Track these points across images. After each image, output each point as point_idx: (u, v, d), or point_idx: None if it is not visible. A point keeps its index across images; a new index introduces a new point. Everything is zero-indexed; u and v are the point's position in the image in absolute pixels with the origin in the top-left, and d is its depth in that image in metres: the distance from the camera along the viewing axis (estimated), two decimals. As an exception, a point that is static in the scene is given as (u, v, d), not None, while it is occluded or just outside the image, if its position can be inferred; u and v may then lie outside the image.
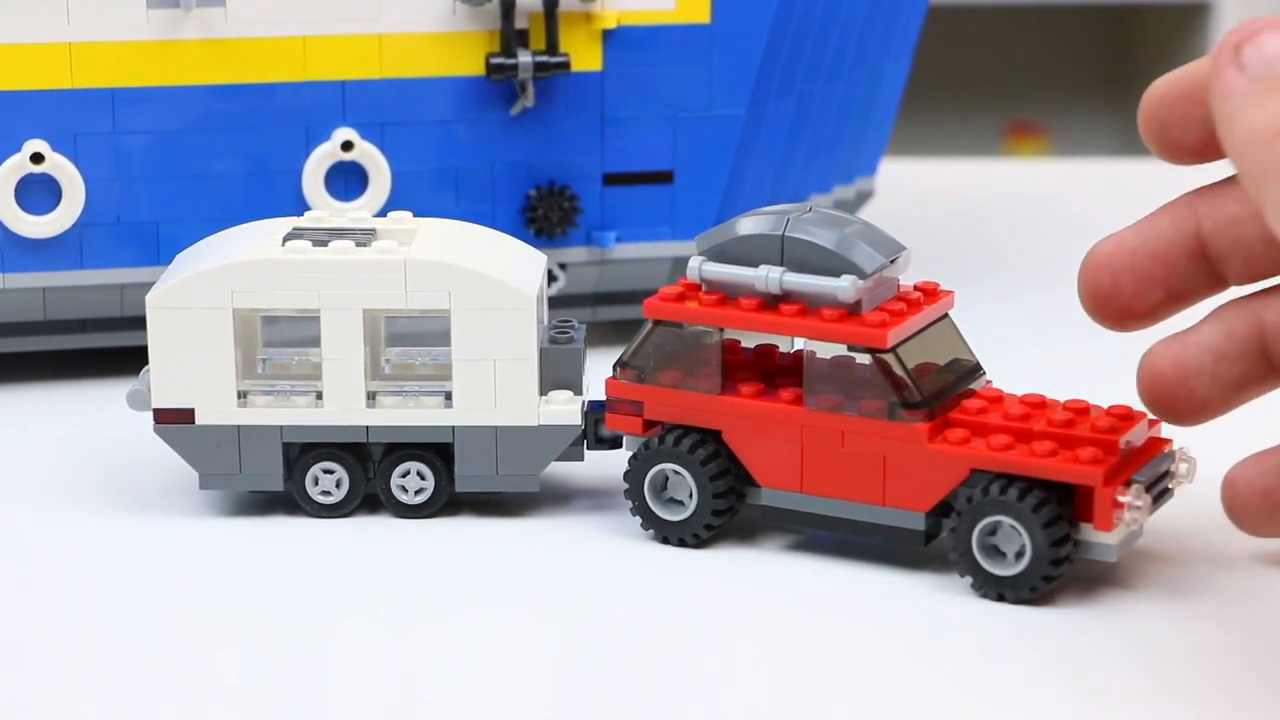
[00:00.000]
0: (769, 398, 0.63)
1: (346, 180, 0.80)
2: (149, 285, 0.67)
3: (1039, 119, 2.58)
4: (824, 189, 0.93)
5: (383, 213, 0.80)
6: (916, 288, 0.64)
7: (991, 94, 2.59)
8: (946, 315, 0.65)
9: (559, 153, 0.82)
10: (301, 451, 0.66)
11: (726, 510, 0.64)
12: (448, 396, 0.66)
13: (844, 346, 0.62)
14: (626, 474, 0.65)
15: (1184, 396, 0.61)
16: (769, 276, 0.62)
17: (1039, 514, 0.59)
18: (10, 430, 0.76)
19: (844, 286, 0.61)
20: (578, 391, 0.66)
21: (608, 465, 0.68)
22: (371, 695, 0.56)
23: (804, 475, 0.63)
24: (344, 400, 0.66)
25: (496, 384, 0.65)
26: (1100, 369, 0.70)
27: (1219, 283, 0.61)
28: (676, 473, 0.64)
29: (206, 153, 0.79)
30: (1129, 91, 2.58)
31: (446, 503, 0.67)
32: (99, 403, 0.77)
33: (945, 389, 0.62)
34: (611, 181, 0.83)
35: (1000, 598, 0.60)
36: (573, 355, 0.66)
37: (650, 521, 0.64)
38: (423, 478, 0.66)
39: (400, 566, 0.64)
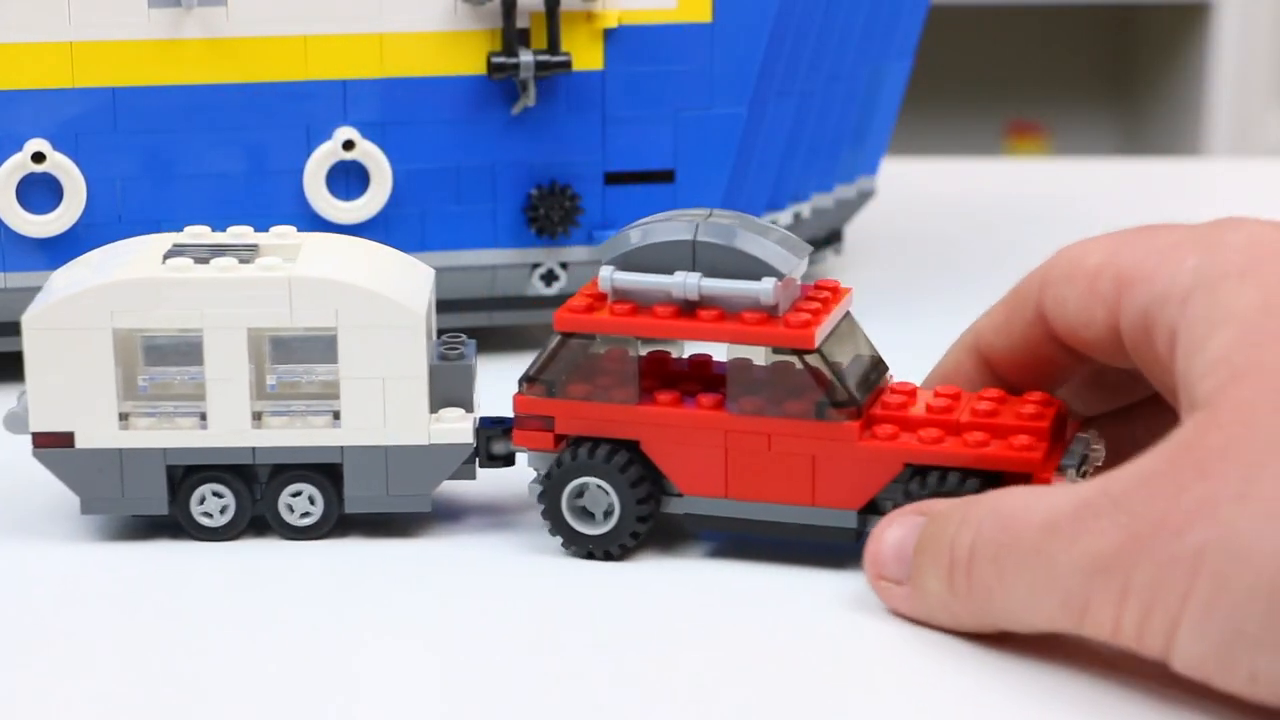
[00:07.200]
0: (688, 405, 0.63)
1: (348, 180, 0.80)
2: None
3: (1039, 119, 2.58)
4: (824, 188, 0.93)
5: (384, 212, 0.81)
6: (818, 286, 0.64)
7: (991, 94, 2.59)
8: (848, 312, 0.64)
9: (560, 152, 0.82)
10: (185, 474, 0.64)
11: (648, 520, 0.63)
12: (336, 415, 0.64)
13: (764, 350, 0.62)
14: (542, 492, 0.63)
15: None
16: (686, 283, 0.61)
17: None
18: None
19: (766, 289, 0.61)
20: (469, 409, 0.65)
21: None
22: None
23: (729, 480, 0.62)
24: (229, 421, 0.64)
25: (386, 403, 0.63)
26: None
27: None
28: (594, 486, 0.63)
29: (207, 152, 0.79)
30: (1129, 91, 2.58)
31: (336, 524, 0.65)
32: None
33: (863, 385, 0.62)
34: (613, 181, 0.83)
35: None
36: (463, 372, 0.65)
37: (570, 537, 0.63)
38: (311, 500, 0.64)
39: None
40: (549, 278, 0.83)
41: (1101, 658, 0.55)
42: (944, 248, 1.03)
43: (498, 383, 0.68)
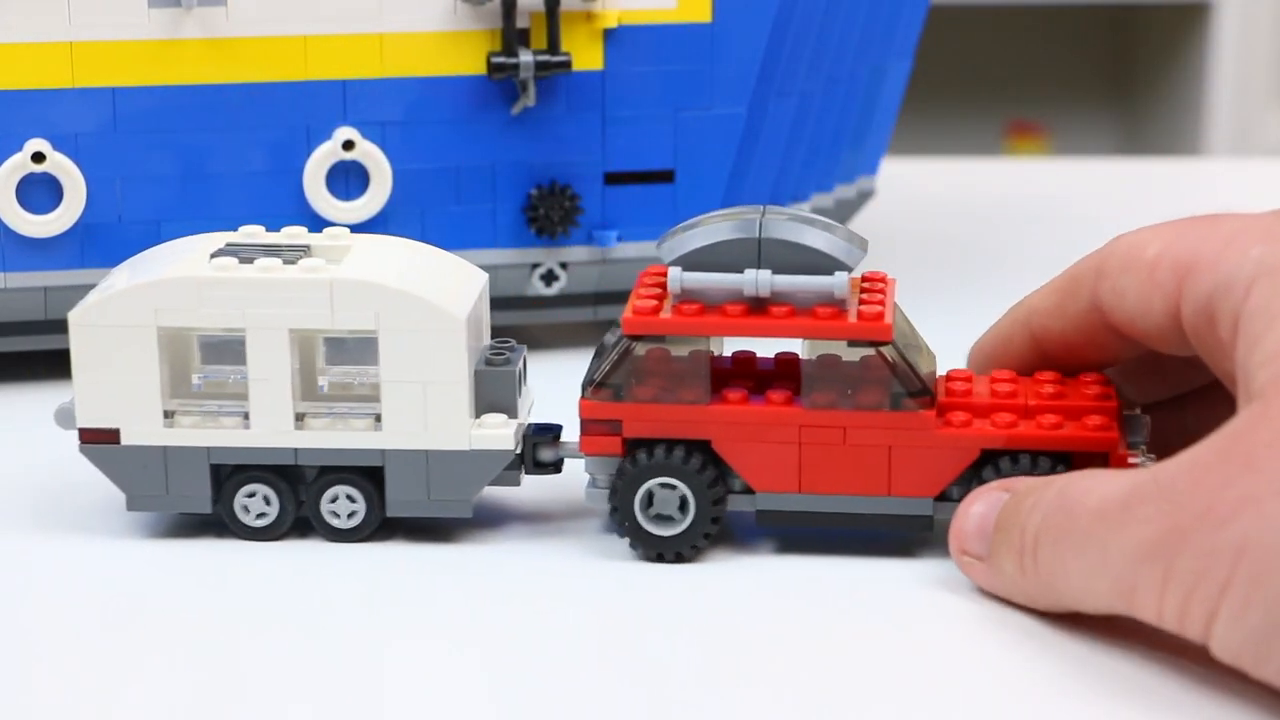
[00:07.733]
0: (758, 402, 0.63)
1: (348, 180, 0.80)
2: (150, 284, 0.67)
3: (1039, 119, 2.58)
4: (824, 188, 0.93)
5: (384, 213, 0.81)
6: (865, 278, 0.64)
7: (991, 94, 2.59)
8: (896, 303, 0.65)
9: (560, 152, 0.82)
10: (230, 473, 0.64)
11: (719, 520, 0.63)
12: (378, 419, 0.64)
13: (832, 343, 0.62)
14: (613, 494, 0.63)
15: None
16: (759, 280, 0.61)
17: None
18: (11, 430, 0.76)
19: (841, 283, 0.61)
20: (512, 415, 0.64)
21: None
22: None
23: (802, 475, 0.62)
24: (271, 422, 0.64)
25: (426, 407, 0.63)
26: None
27: None
28: (669, 487, 0.63)
29: (207, 152, 0.79)
30: (1129, 91, 2.58)
31: (379, 527, 0.65)
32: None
33: (929, 374, 0.63)
34: (612, 181, 0.83)
35: None
36: (507, 378, 0.64)
37: (642, 540, 0.63)
38: (353, 501, 0.64)
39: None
40: (549, 278, 0.83)
41: (1178, 642, 0.55)
42: (944, 248, 1.03)
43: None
